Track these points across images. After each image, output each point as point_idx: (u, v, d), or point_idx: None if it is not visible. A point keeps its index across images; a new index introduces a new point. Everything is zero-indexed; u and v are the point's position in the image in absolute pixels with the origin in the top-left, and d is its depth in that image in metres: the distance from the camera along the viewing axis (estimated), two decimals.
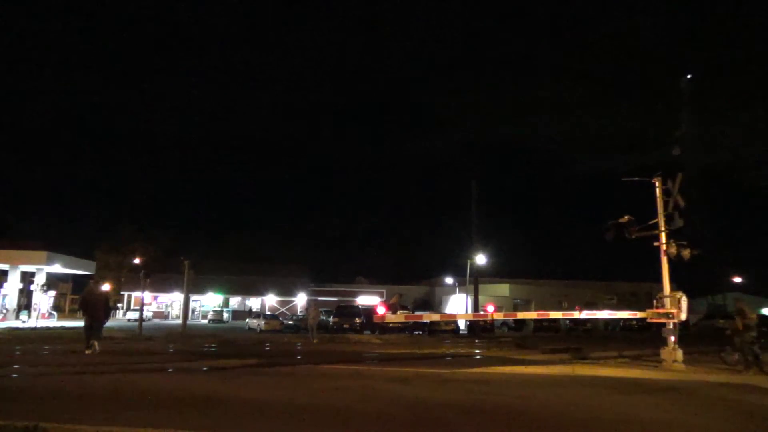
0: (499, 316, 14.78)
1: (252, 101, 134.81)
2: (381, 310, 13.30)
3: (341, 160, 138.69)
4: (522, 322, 46.78)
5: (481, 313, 13.22)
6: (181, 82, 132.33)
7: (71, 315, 50.86)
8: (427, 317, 17.76)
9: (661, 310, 14.11)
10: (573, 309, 44.03)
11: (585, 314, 14.53)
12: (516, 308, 52.85)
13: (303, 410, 7.40)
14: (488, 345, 21.56)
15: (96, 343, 14.62)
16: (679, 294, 13.84)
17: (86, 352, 14.35)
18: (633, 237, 14.62)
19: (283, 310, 54.47)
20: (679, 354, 13.42)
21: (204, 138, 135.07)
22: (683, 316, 13.86)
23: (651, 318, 14.53)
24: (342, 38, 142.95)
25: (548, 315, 14.56)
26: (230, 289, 56.00)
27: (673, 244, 14.00)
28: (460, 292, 51.60)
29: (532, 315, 15.34)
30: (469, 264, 40.15)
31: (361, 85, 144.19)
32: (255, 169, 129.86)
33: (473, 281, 37.95)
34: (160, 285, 46.66)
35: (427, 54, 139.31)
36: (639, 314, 15.26)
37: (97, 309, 14.86)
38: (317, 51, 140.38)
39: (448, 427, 6.68)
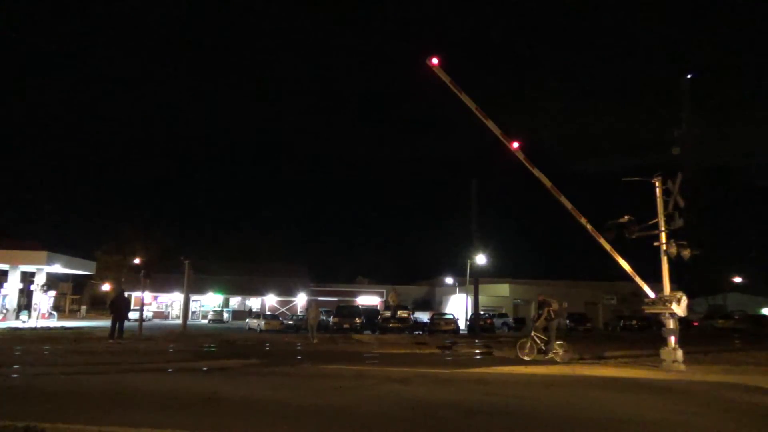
0: (518, 151, 14.90)
1: (252, 101, 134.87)
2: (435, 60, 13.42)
3: (342, 160, 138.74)
4: (522, 322, 46.82)
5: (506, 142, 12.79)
6: (180, 82, 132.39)
7: (71, 315, 50.86)
8: None
9: (662, 301, 14.06)
10: (573, 309, 44.13)
11: (590, 227, 14.84)
12: (516, 308, 52.84)
13: (303, 410, 7.40)
14: (488, 345, 21.58)
15: (119, 335, 19.86)
16: (679, 294, 13.83)
17: (110, 340, 19.31)
18: (633, 237, 14.60)
19: (283, 310, 54.44)
20: (679, 354, 13.41)
21: (204, 138, 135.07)
22: (682, 313, 13.84)
23: (649, 309, 14.52)
24: (342, 38, 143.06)
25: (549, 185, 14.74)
26: (230, 289, 55.96)
27: (673, 244, 13.99)
28: (460, 292, 51.60)
29: (543, 179, 15.18)
30: (469, 264, 40.13)
31: (361, 85, 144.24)
32: (255, 169, 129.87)
33: (473, 281, 37.92)
34: (160, 285, 46.58)
35: (427, 53, 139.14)
36: (645, 286, 14.82)
37: (121, 309, 20.16)
38: (317, 51, 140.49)
39: (449, 427, 6.68)
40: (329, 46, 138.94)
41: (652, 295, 14.40)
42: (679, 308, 13.73)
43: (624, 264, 14.92)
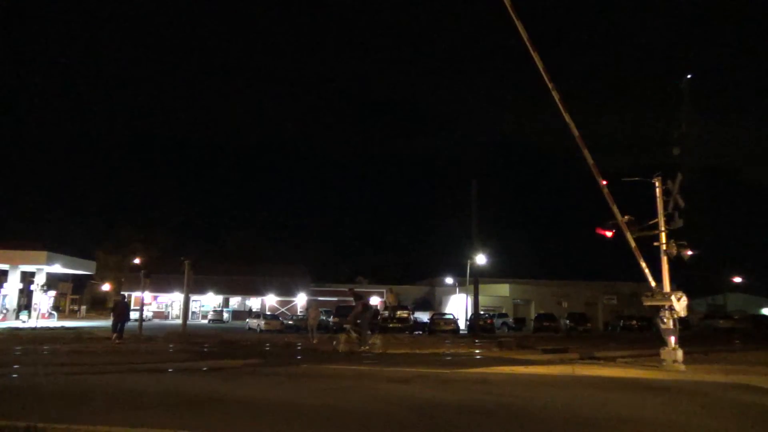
0: (554, 90, 14.91)
1: (252, 101, 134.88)
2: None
3: (341, 160, 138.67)
4: (522, 322, 46.84)
5: None
6: (180, 82, 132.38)
7: (71, 315, 50.87)
8: None
9: (662, 294, 14.05)
10: (573, 309, 44.18)
11: (606, 190, 14.85)
12: (516, 308, 52.89)
13: (303, 410, 7.40)
14: (488, 345, 21.58)
15: (119, 335, 20.59)
16: (679, 294, 13.83)
17: (112, 339, 20.13)
18: (633, 237, 14.61)
19: (283, 310, 54.42)
20: (679, 354, 13.41)
21: (204, 138, 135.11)
22: (681, 312, 13.83)
23: (648, 302, 14.52)
24: (342, 39, 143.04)
25: None
26: (230, 289, 55.95)
27: (673, 244, 13.98)
28: (460, 292, 51.63)
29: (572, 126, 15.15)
30: (469, 264, 40.13)
31: (361, 85, 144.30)
32: (255, 169, 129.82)
33: (473, 281, 37.93)
34: (160, 285, 46.57)
35: (427, 53, 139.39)
36: (647, 272, 14.66)
37: (122, 313, 21.83)
38: (317, 52, 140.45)
39: (449, 427, 6.67)
40: (329, 46, 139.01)
41: (654, 284, 14.36)
42: (679, 306, 13.72)
43: (631, 241, 14.68)
